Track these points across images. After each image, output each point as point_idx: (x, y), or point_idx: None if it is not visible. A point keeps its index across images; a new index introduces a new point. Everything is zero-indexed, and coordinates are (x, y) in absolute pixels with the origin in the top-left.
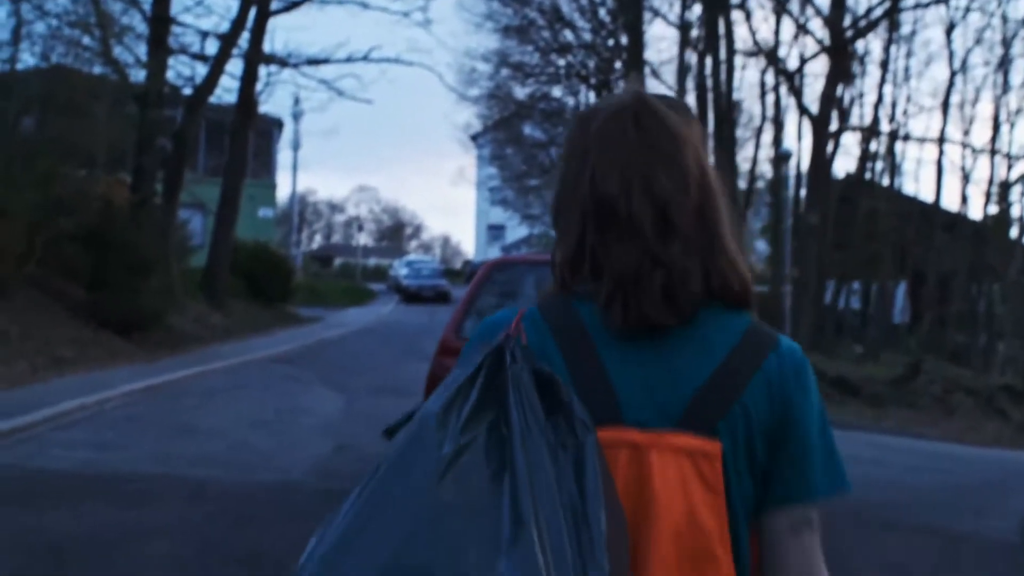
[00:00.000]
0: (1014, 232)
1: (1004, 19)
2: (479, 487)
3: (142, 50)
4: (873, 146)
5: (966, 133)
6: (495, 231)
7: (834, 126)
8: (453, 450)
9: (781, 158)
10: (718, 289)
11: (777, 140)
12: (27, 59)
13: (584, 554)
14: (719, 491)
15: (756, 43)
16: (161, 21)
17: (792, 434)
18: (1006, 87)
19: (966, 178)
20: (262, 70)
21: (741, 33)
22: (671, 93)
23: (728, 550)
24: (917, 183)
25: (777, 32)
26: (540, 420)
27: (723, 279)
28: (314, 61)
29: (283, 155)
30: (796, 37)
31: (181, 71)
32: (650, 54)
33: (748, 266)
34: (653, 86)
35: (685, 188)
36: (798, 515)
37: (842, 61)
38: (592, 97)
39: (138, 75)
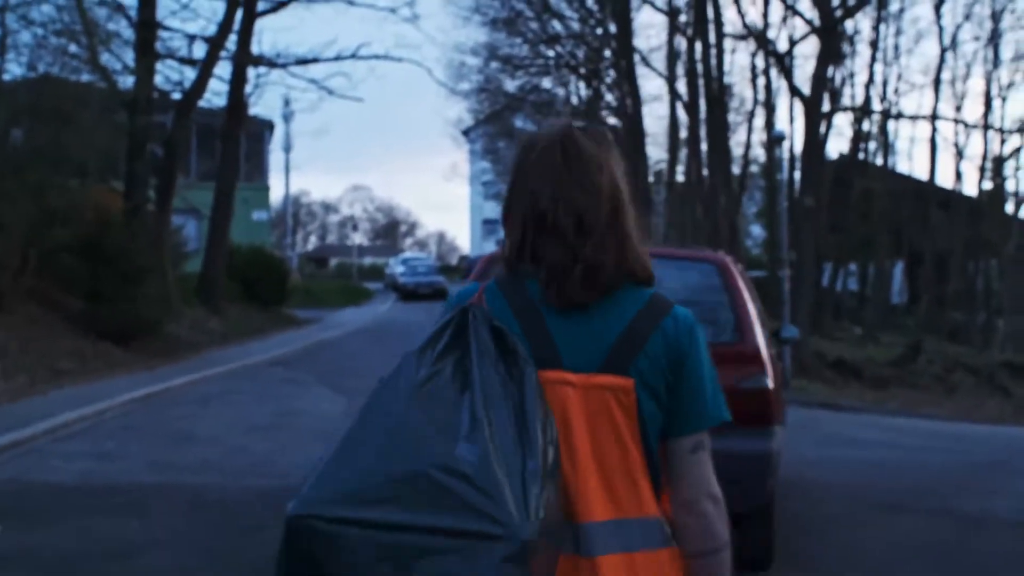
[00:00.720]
0: (1010, 207)
1: None
2: (447, 399)
3: (129, 56)
4: (866, 126)
5: (958, 109)
6: (490, 225)
7: (826, 107)
8: (427, 374)
9: (774, 141)
10: (628, 274)
11: (769, 123)
12: (14, 69)
13: (524, 448)
14: (633, 414)
15: (745, 26)
16: (147, 26)
17: (687, 377)
18: (997, 61)
19: (960, 154)
20: (251, 72)
21: (730, 16)
22: (661, 79)
23: (643, 455)
24: (911, 161)
25: (766, 14)
26: (493, 358)
27: (631, 267)
28: (303, 61)
29: (275, 157)
30: (785, 19)
31: (169, 76)
32: (639, 41)
33: (645, 253)
34: (643, 73)
35: (598, 203)
36: (696, 439)
37: (832, 41)
38: (582, 87)
39: (126, 81)
